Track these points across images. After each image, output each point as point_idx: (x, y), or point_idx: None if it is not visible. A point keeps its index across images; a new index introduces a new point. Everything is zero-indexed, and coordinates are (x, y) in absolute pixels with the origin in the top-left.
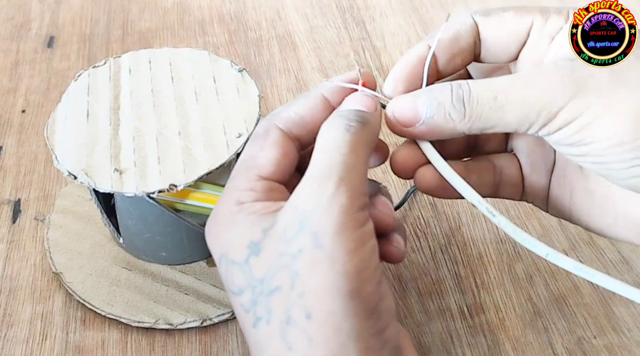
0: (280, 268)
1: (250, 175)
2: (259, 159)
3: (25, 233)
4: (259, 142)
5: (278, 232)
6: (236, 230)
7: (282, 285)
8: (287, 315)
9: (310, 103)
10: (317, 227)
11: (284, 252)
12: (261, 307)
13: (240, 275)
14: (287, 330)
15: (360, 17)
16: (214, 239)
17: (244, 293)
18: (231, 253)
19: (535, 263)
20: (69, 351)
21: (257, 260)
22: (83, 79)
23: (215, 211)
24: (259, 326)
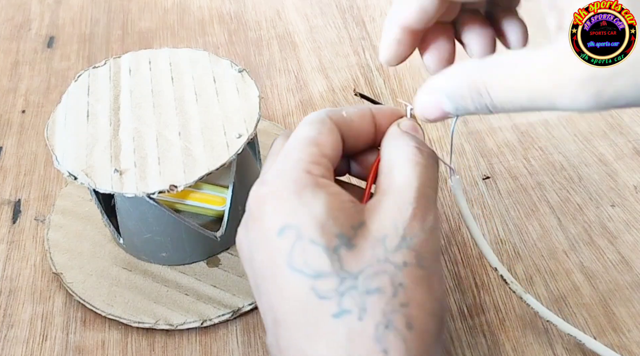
0: (381, 273)
1: (314, 151)
2: (319, 139)
3: (25, 233)
4: (316, 126)
5: (375, 237)
6: (318, 208)
7: (383, 289)
8: (387, 319)
9: (361, 111)
10: (421, 249)
11: (386, 259)
12: (351, 301)
13: (325, 259)
14: (386, 334)
15: (360, 17)
16: (279, 206)
17: (324, 278)
18: (311, 232)
19: (535, 264)
20: (69, 351)
21: (350, 254)
22: (83, 79)
23: (273, 176)
24: (345, 318)
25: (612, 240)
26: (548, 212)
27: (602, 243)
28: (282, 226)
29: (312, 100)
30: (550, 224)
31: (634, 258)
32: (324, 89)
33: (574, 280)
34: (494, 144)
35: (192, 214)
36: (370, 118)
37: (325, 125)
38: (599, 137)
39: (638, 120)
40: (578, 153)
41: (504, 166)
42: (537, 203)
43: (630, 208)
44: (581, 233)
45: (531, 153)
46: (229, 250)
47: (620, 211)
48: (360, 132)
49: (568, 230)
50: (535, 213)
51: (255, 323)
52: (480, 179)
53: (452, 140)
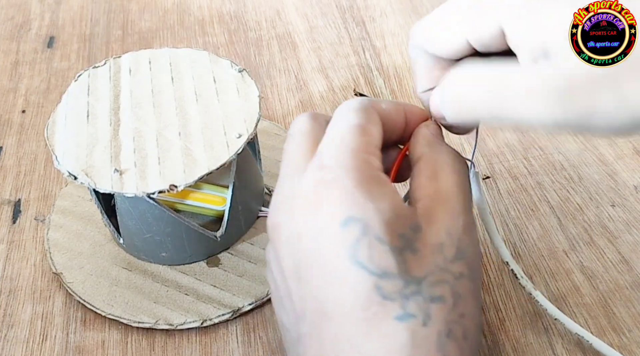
0: (443, 282)
1: (369, 140)
2: (370, 129)
3: (25, 233)
4: (363, 115)
5: (433, 244)
6: (384, 204)
7: (445, 298)
8: (448, 328)
9: (396, 106)
10: (472, 263)
11: (445, 269)
12: (416, 306)
13: (391, 259)
14: (447, 343)
15: (360, 17)
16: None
17: (389, 278)
18: (376, 229)
19: (535, 264)
20: (69, 351)
21: (414, 259)
22: (83, 79)
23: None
24: (409, 322)
25: (612, 240)
26: (548, 212)
27: (602, 243)
28: (347, 217)
29: (312, 100)
30: (550, 224)
31: (634, 258)
32: (324, 89)
33: (574, 280)
34: (494, 144)
35: (192, 214)
36: (403, 113)
37: (372, 114)
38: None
39: None
40: (578, 153)
41: (504, 166)
42: (537, 203)
43: (630, 208)
44: (581, 233)
45: (531, 153)
46: (229, 250)
47: (621, 211)
48: (394, 126)
49: (568, 230)
50: (535, 213)
51: (255, 323)
52: (480, 179)
53: (477, 137)
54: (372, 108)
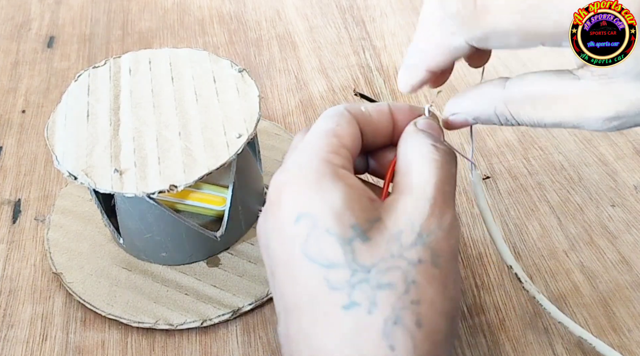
0: (394, 268)
1: (334, 141)
2: (338, 131)
3: (25, 233)
4: (334, 119)
5: (390, 232)
6: (335, 199)
7: (395, 285)
8: (396, 315)
9: (379, 107)
10: (437, 247)
11: (399, 255)
12: (361, 294)
13: (338, 250)
14: (393, 330)
15: (360, 17)
16: (296, 194)
17: (336, 268)
18: (326, 222)
19: (535, 264)
20: (69, 351)
21: (364, 247)
22: (83, 79)
23: (293, 165)
24: (354, 310)
25: (612, 240)
26: (548, 212)
27: (602, 243)
28: (298, 214)
29: (312, 100)
30: (550, 224)
31: (634, 258)
32: (324, 88)
33: (574, 280)
34: (494, 144)
35: (192, 214)
36: (388, 114)
37: (344, 117)
38: (599, 137)
39: None
40: (578, 153)
41: (504, 166)
42: (537, 203)
43: (630, 208)
44: (581, 233)
45: (531, 153)
46: (229, 250)
47: (621, 211)
48: (378, 127)
49: (568, 230)
50: (535, 213)
51: (255, 323)
52: (480, 179)
53: (472, 137)
54: (346, 112)
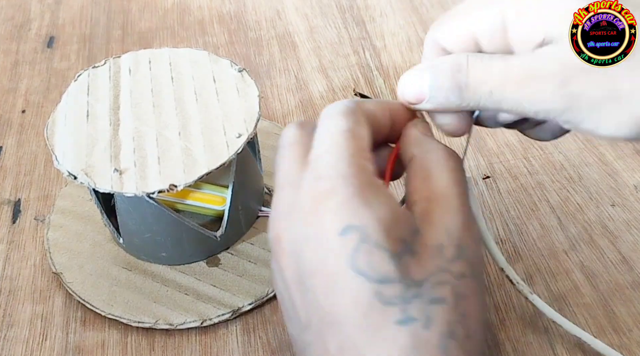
0: (444, 283)
1: (361, 146)
2: (360, 132)
3: (25, 233)
4: (352, 118)
5: (432, 245)
6: (382, 211)
7: (446, 299)
8: (450, 329)
9: (381, 105)
10: (473, 260)
11: (446, 269)
12: (416, 310)
13: (390, 265)
14: (449, 344)
15: (360, 17)
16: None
17: (389, 284)
18: (376, 235)
19: (535, 263)
20: (69, 351)
21: (414, 262)
22: (83, 79)
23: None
24: (410, 325)
25: (612, 239)
26: (548, 212)
27: (603, 242)
28: (345, 226)
29: (312, 100)
30: (550, 224)
31: (635, 258)
32: (324, 88)
33: (574, 280)
34: (493, 144)
35: (192, 214)
36: (388, 112)
37: (359, 115)
38: None
39: None
40: (578, 153)
41: (504, 166)
42: (537, 202)
43: (630, 208)
44: (581, 232)
45: (531, 153)
46: (229, 250)
47: (621, 210)
48: (381, 126)
49: (568, 230)
50: (535, 213)
51: (255, 323)
52: (480, 179)
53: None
54: (359, 110)
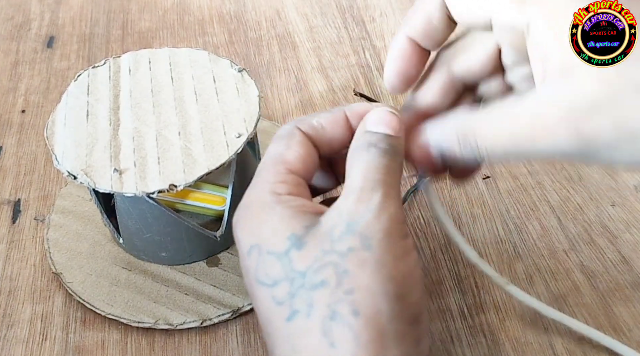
0: (326, 265)
1: (280, 169)
2: (286, 156)
3: (25, 233)
4: (284, 141)
5: (323, 231)
6: (274, 221)
7: (328, 281)
8: (331, 310)
9: (332, 116)
10: (366, 231)
11: (331, 250)
12: (300, 300)
13: (278, 266)
14: (331, 326)
15: (360, 17)
16: (246, 229)
17: (279, 284)
18: (268, 244)
19: (535, 263)
20: (69, 351)
21: (299, 254)
22: (83, 79)
23: (245, 202)
24: (296, 319)
25: (612, 239)
26: (548, 212)
27: (603, 242)
28: (249, 247)
29: (312, 100)
30: (550, 224)
31: (634, 258)
32: (324, 88)
33: (574, 280)
34: None
35: (192, 214)
36: (343, 121)
37: (294, 138)
38: None
39: None
40: None
41: (504, 166)
42: (537, 202)
43: (630, 208)
44: (581, 232)
45: None
46: (229, 250)
47: (621, 211)
48: (333, 137)
49: (568, 230)
50: (535, 213)
51: (255, 323)
52: (480, 179)
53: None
54: (297, 131)
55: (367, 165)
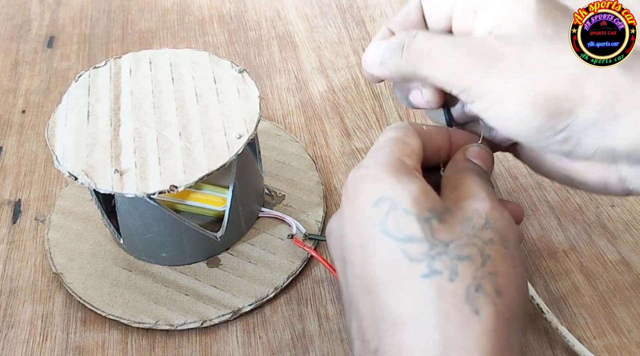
0: (470, 245)
1: (405, 148)
2: (407, 140)
3: (25, 233)
4: (402, 130)
5: (462, 218)
6: (408, 185)
7: (473, 257)
8: (477, 283)
9: (439, 128)
10: (503, 232)
11: (473, 234)
12: (442, 264)
13: (416, 227)
14: (476, 296)
15: (360, 17)
16: (376, 182)
17: (414, 242)
18: (403, 202)
19: (535, 264)
20: (69, 351)
21: (442, 227)
22: (83, 79)
23: (368, 162)
24: (435, 278)
25: (612, 240)
26: (548, 212)
27: (602, 243)
28: (377, 198)
29: (312, 100)
30: (550, 224)
31: (634, 258)
32: (324, 88)
33: (574, 280)
34: None
35: (193, 214)
36: (447, 135)
37: (409, 130)
38: None
39: None
40: None
41: (504, 166)
42: (537, 203)
43: (630, 208)
44: (581, 232)
45: None
46: (229, 251)
47: (620, 211)
48: (437, 145)
49: (568, 230)
50: (535, 213)
51: (255, 324)
52: None
53: None
54: (410, 126)
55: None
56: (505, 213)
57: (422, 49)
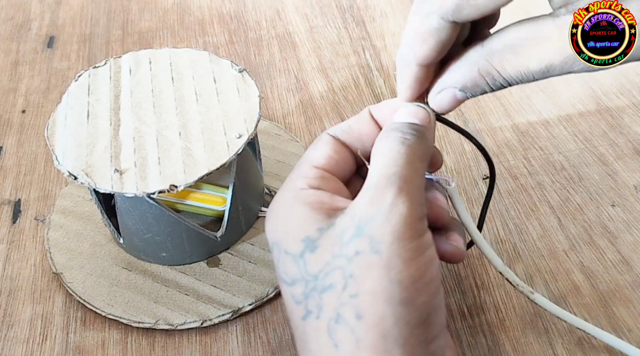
0: (335, 269)
1: (304, 167)
2: (312, 155)
3: (25, 233)
4: (312, 146)
5: (335, 234)
6: (292, 222)
7: (335, 284)
8: (336, 313)
9: (357, 116)
10: (375, 233)
11: (339, 254)
12: (313, 302)
13: (294, 267)
14: (336, 328)
15: (360, 17)
16: (271, 227)
17: (296, 284)
18: (286, 244)
19: (535, 264)
20: (69, 351)
21: (313, 257)
22: (83, 79)
23: (274, 199)
24: (309, 319)
25: (612, 240)
26: (548, 212)
27: (602, 243)
28: (271, 243)
29: (312, 100)
30: (550, 224)
31: (634, 258)
32: (324, 88)
33: (574, 280)
34: (493, 144)
35: (192, 214)
36: (367, 117)
37: (321, 140)
38: (599, 137)
39: (638, 120)
40: (578, 153)
41: (504, 166)
42: (537, 203)
43: (630, 208)
44: (581, 233)
45: (531, 153)
46: (229, 250)
47: (621, 211)
48: (360, 134)
49: (568, 230)
50: (535, 213)
51: (255, 323)
52: (480, 179)
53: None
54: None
55: (385, 156)
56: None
57: None
